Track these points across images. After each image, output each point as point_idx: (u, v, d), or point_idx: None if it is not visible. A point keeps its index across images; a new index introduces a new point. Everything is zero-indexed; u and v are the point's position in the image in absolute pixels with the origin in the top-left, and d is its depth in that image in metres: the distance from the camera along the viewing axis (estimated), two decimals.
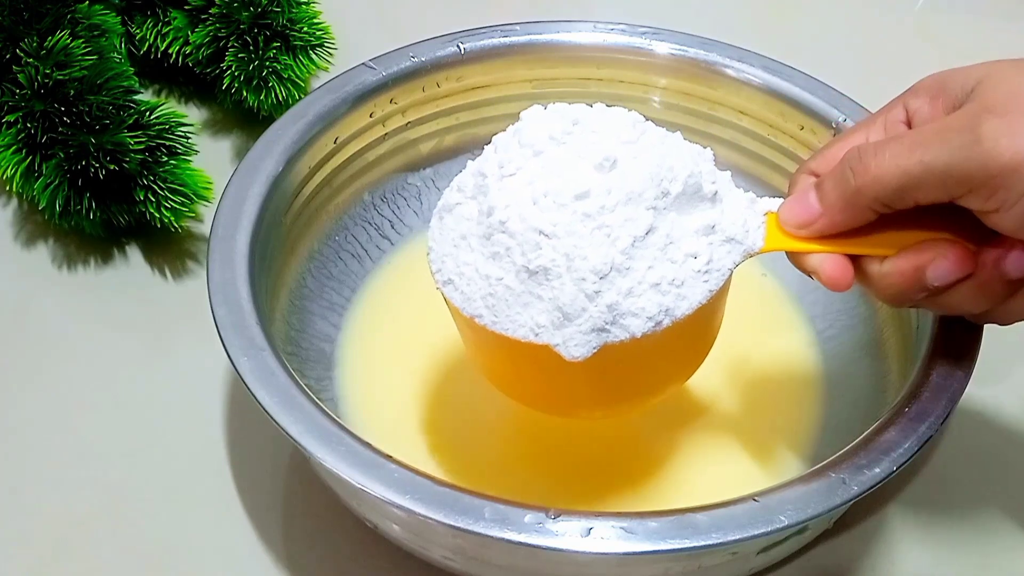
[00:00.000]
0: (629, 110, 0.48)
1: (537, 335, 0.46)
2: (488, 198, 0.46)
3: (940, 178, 0.42)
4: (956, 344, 0.51)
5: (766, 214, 0.48)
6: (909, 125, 0.47)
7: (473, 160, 0.49)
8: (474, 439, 0.57)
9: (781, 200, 0.48)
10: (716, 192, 0.47)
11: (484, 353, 0.51)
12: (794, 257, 0.48)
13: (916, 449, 0.48)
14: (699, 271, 0.46)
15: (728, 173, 0.49)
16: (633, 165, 0.46)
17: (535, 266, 0.45)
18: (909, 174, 0.42)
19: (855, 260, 0.47)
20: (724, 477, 0.55)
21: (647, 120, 0.48)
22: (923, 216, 0.45)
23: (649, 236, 0.45)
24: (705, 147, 0.49)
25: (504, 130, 0.49)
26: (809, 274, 0.47)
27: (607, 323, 0.45)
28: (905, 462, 0.48)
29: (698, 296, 0.46)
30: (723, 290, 0.47)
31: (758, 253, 0.48)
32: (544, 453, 0.56)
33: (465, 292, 0.47)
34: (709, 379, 0.59)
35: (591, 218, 0.45)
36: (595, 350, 0.45)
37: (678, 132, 0.49)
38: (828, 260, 0.46)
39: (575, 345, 0.45)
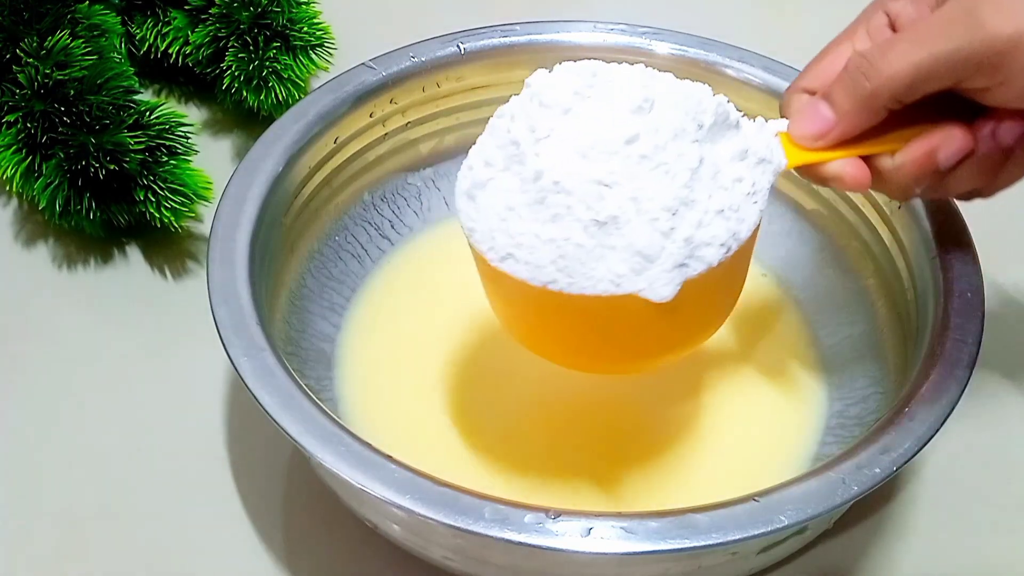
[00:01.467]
0: (632, 64, 0.49)
1: (618, 285, 0.45)
2: (530, 164, 0.46)
3: (950, 65, 0.45)
4: (956, 344, 0.51)
5: (777, 134, 0.49)
6: (894, 29, 0.49)
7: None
8: (474, 439, 0.57)
9: (786, 121, 0.49)
10: (738, 120, 0.48)
11: (546, 323, 0.50)
12: (812, 170, 0.49)
13: (916, 449, 0.48)
14: (748, 194, 0.47)
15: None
16: (668, 104, 0.46)
17: (604, 217, 0.45)
18: (920, 67, 0.45)
19: (866, 161, 0.49)
20: (724, 477, 0.55)
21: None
22: (919, 109, 0.47)
23: (701, 168, 0.46)
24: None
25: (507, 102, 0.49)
26: (829, 182, 0.49)
27: (686, 257, 0.45)
28: (905, 462, 0.48)
29: (753, 217, 0.47)
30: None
31: (785, 170, 0.49)
32: (544, 453, 0.56)
33: (530, 262, 0.46)
34: (710, 379, 0.59)
35: (648, 159, 0.45)
36: (679, 287, 0.45)
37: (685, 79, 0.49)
38: (848, 164, 0.48)
39: (662, 285, 0.45)
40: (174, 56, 0.72)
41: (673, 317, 0.47)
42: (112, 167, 0.62)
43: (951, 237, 0.55)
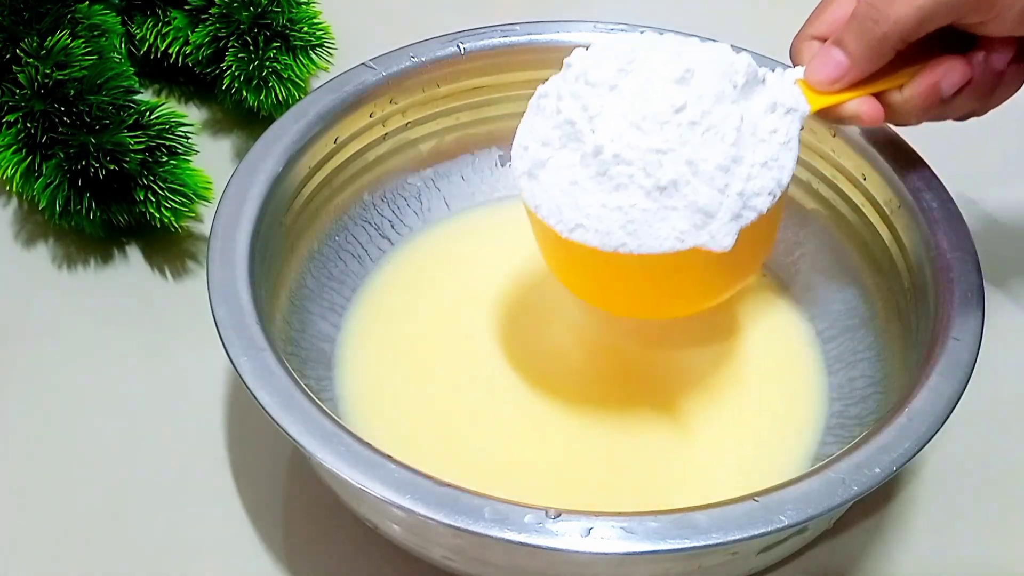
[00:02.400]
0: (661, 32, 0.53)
1: (683, 241, 0.49)
2: (588, 140, 0.49)
3: (951, 6, 0.49)
4: (956, 344, 0.51)
5: (796, 82, 0.53)
6: None
7: (475, 155, 0.54)
8: (474, 438, 0.57)
9: (801, 68, 0.53)
10: (763, 75, 0.52)
11: (613, 281, 0.54)
12: (832, 112, 0.53)
13: (916, 449, 0.48)
14: (783, 143, 0.51)
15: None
16: (705, 70, 0.50)
17: (665, 182, 0.49)
18: (924, 9, 0.49)
19: (877, 98, 0.53)
20: (724, 477, 0.56)
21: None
22: (919, 45, 0.51)
23: (743, 125, 0.50)
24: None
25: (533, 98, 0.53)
26: (848, 121, 0.53)
27: (741, 209, 0.50)
28: (905, 462, 0.48)
29: (790, 164, 0.51)
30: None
31: (810, 115, 0.52)
32: (545, 453, 0.56)
33: (599, 229, 0.50)
34: (709, 379, 0.59)
35: (697, 124, 0.49)
36: (736, 236, 0.50)
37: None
38: (863, 103, 0.52)
39: (722, 236, 0.49)
40: (174, 56, 0.72)
41: (727, 262, 0.51)
42: (112, 167, 0.62)
43: (951, 237, 0.55)
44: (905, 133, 0.59)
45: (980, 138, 0.63)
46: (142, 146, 0.63)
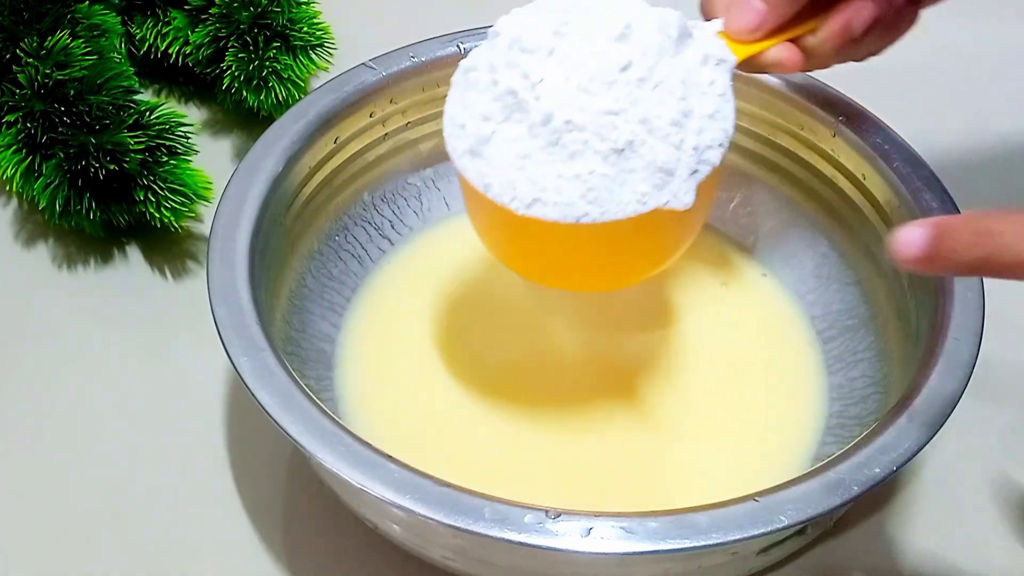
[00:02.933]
0: None
1: (645, 204, 0.48)
2: (535, 109, 0.47)
3: None
4: (956, 344, 0.51)
5: (717, 34, 0.52)
6: None
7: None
8: (474, 438, 0.57)
9: (719, 20, 0.53)
10: (691, 28, 0.51)
11: (570, 255, 0.52)
12: (754, 61, 0.53)
13: (916, 449, 0.48)
14: (720, 94, 0.50)
15: None
16: (641, 25, 0.49)
17: (621, 144, 0.47)
18: None
19: (794, 43, 0.54)
20: (724, 477, 0.55)
21: None
22: None
23: (688, 79, 0.49)
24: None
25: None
26: (770, 69, 0.54)
27: (696, 163, 0.49)
28: (905, 462, 0.48)
29: (731, 113, 0.50)
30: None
31: (736, 66, 0.52)
32: (545, 453, 0.56)
33: (559, 202, 0.48)
34: (709, 379, 0.59)
35: (646, 81, 0.48)
36: (695, 192, 0.49)
37: None
38: (783, 49, 0.53)
39: (684, 193, 0.48)
40: (174, 56, 0.72)
41: (682, 218, 0.50)
42: (112, 167, 0.62)
43: None
44: (905, 133, 0.59)
45: (980, 138, 0.64)
46: (142, 146, 0.63)
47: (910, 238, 0.44)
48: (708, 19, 0.53)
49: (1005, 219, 0.42)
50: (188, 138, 0.65)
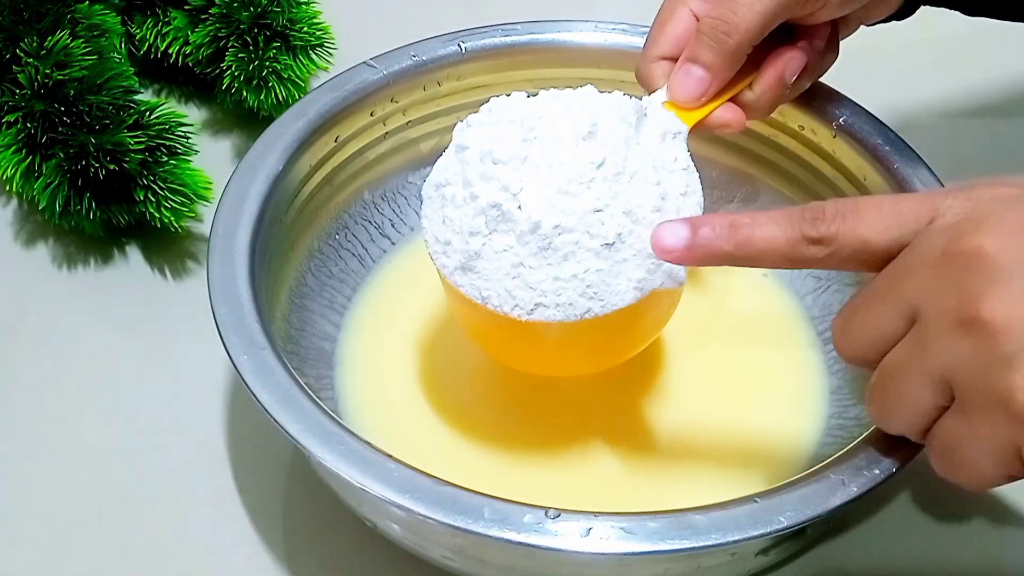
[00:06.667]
0: (529, 95, 0.51)
1: (642, 289, 0.49)
2: (520, 219, 0.48)
3: (786, 5, 0.53)
4: None
5: (663, 105, 0.53)
6: None
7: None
8: (475, 438, 0.57)
9: (661, 91, 0.54)
10: (644, 107, 0.52)
11: (573, 349, 0.53)
12: (703, 125, 0.54)
13: (916, 450, 0.48)
14: (684, 168, 0.51)
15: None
16: (605, 118, 0.49)
17: (611, 237, 0.48)
18: (766, 14, 0.53)
19: (734, 100, 0.55)
20: (724, 477, 0.55)
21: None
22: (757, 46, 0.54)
23: (655, 163, 0.50)
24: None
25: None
26: (718, 130, 0.55)
27: None
28: (905, 462, 0.48)
29: (698, 185, 0.52)
30: None
31: (688, 133, 0.53)
32: (545, 453, 0.56)
33: (560, 303, 0.48)
34: (709, 379, 0.59)
35: (621, 174, 0.48)
36: (686, 267, 0.50)
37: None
38: (726, 110, 0.55)
39: (677, 272, 0.49)
40: (174, 56, 0.72)
41: (675, 291, 0.51)
42: (112, 167, 0.62)
43: None
44: (905, 133, 0.59)
45: (980, 138, 0.64)
46: (142, 146, 0.63)
47: (671, 228, 0.46)
48: (650, 90, 0.55)
49: (751, 215, 0.46)
50: (188, 138, 0.65)
